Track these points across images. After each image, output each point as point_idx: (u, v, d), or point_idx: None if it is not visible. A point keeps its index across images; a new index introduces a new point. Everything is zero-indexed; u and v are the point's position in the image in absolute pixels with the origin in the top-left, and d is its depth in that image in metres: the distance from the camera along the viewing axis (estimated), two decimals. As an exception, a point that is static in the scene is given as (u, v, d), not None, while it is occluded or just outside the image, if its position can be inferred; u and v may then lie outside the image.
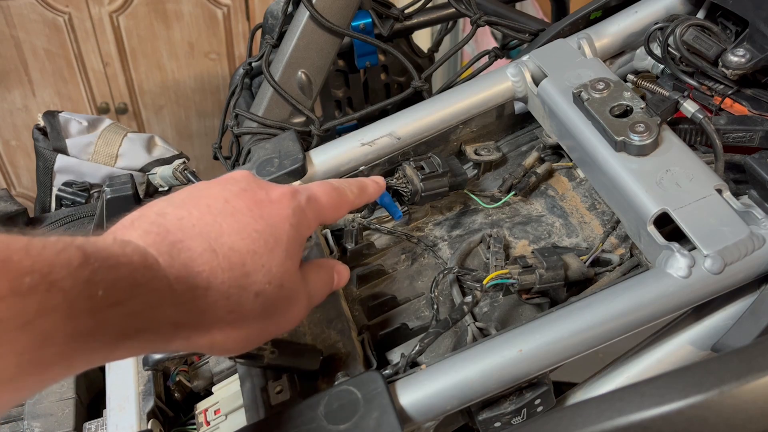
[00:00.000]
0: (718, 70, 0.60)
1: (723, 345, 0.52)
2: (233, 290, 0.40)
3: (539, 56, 0.65)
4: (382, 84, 1.17)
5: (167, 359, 0.56)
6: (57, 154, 0.87)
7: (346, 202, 0.50)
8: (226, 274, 0.39)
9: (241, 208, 0.42)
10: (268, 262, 0.41)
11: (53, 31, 1.66)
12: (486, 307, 0.60)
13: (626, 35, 0.68)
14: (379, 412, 0.45)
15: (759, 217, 0.51)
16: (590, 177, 0.61)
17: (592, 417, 0.37)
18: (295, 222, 0.44)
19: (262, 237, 0.42)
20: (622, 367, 0.55)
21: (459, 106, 0.67)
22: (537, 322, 0.50)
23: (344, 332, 0.55)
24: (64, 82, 1.74)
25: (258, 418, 0.50)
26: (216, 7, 1.73)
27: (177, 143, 1.89)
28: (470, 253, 0.64)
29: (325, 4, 0.79)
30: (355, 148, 0.65)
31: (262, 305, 0.42)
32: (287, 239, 0.43)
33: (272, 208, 0.43)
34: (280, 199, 0.44)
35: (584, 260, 0.58)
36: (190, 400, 0.61)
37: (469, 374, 0.48)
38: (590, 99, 0.58)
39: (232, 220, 0.41)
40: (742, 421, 0.35)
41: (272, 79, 0.81)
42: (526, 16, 0.87)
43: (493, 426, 0.50)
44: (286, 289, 0.43)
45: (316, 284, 0.48)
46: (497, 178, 0.71)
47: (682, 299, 0.50)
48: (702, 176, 0.53)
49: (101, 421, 0.60)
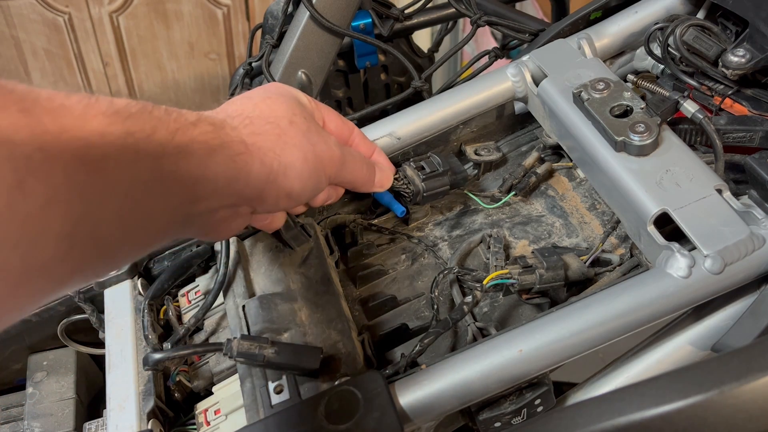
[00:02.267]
0: (718, 70, 0.60)
1: (723, 345, 0.52)
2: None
3: (539, 56, 0.65)
4: (382, 84, 1.17)
5: (167, 358, 0.56)
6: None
7: (363, 182, 0.56)
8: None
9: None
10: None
11: (53, 31, 1.66)
12: (486, 307, 0.60)
13: (626, 35, 0.68)
14: (379, 412, 0.45)
15: (759, 217, 0.51)
16: (590, 177, 0.61)
17: (592, 417, 0.37)
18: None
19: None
20: (622, 367, 0.55)
21: (459, 106, 0.67)
22: (537, 322, 0.50)
23: (344, 332, 0.55)
24: (64, 82, 1.74)
25: (258, 418, 0.50)
26: (216, 7, 1.73)
27: (177, 143, 1.88)
28: (470, 253, 0.64)
29: (325, 4, 0.79)
30: (355, 148, 0.65)
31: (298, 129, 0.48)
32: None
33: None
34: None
35: (584, 260, 0.58)
36: (190, 400, 0.61)
37: (469, 374, 0.48)
38: (590, 99, 0.58)
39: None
40: (742, 421, 0.35)
41: (272, 79, 0.81)
42: (526, 16, 0.87)
43: (493, 426, 0.50)
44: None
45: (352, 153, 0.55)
46: (497, 178, 0.71)
47: (682, 299, 0.50)
48: (702, 176, 0.53)
49: (101, 421, 0.60)
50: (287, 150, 0.46)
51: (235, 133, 0.44)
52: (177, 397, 0.60)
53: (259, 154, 0.45)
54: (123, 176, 0.34)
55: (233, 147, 0.43)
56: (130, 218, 0.35)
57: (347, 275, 0.64)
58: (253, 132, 0.45)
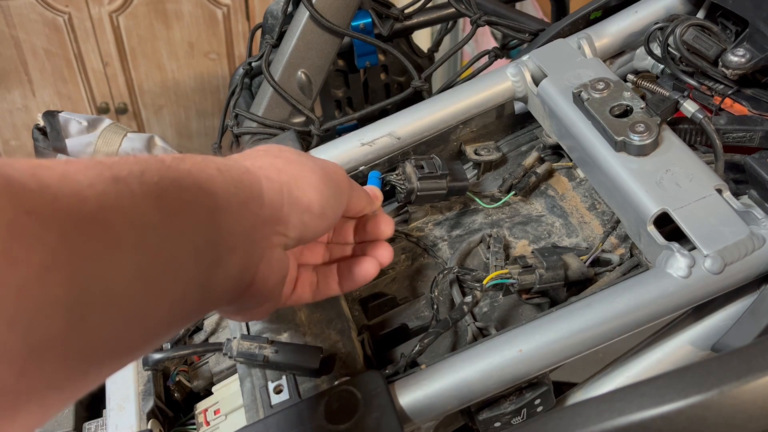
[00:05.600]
0: (718, 70, 0.60)
1: (723, 345, 0.52)
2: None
3: (539, 56, 0.65)
4: (382, 84, 1.16)
5: (167, 358, 0.56)
6: (57, 154, 0.87)
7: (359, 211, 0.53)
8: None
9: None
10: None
11: (53, 31, 1.66)
12: (486, 307, 0.60)
13: (626, 35, 0.68)
14: (379, 412, 0.45)
15: (759, 217, 0.51)
16: (590, 177, 0.61)
17: (592, 417, 0.37)
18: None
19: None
20: (622, 367, 0.55)
21: (459, 106, 0.67)
22: (537, 322, 0.50)
23: (344, 332, 0.55)
24: (63, 82, 1.74)
25: (258, 418, 0.50)
26: (216, 7, 1.73)
27: (177, 143, 1.89)
28: (470, 253, 0.64)
29: (325, 4, 0.79)
30: (355, 148, 0.65)
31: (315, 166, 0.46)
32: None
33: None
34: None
35: (584, 260, 0.58)
36: (190, 400, 0.61)
37: (468, 374, 0.48)
38: (590, 99, 0.58)
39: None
40: (742, 421, 0.35)
41: (272, 79, 0.81)
42: (526, 16, 0.87)
43: (493, 426, 0.50)
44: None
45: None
46: (497, 178, 0.71)
47: (682, 299, 0.49)
48: (702, 176, 0.53)
49: (101, 421, 0.60)
50: (290, 166, 0.45)
51: (231, 161, 0.42)
52: (177, 397, 0.60)
53: (263, 172, 0.43)
54: (126, 224, 0.30)
55: (234, 168, 0.41)
56: (149, 271, 0.31)
57: (347, 275, 0.64)
58: (248, 157, 0.44)
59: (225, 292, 0.40)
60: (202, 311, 0.40)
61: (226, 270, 0.38)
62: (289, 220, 0.43)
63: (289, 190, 0.43)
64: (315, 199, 0.44)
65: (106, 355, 0.30)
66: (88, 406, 0.64)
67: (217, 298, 0.40)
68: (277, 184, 0.43)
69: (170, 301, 0.34)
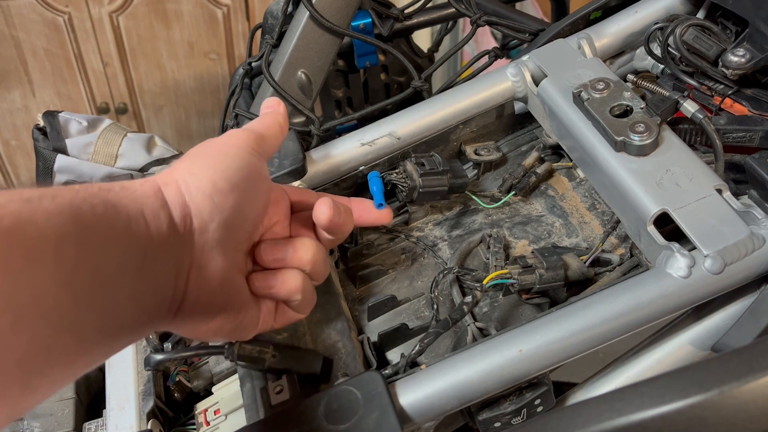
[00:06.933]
0: (718, 70, 0.60)
1: (723, 345, 0.52)
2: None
3: (539, 56, 0.65)
4: (382, 84, 1.16)
5: (168, 360, 0.56)
6: (57, 154, 0.87)
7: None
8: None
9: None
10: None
11: (53, 31, 1.66)
12: (486, 307, 0.60)
13: (626, 35, 0.68)
14: (379, 412, 0.45)
15: (759, 217, 0.51)
16: (590, 177, 0.61)
17: (592, 417, 0.37)
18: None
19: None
20: (622, 367, 0.55)
21: (459, 106, 0.67)
22: (537, 322, 0.50)
23: (344, 332, 0.55)
24: (63, 82, 1.74)
25: (258, 418, 0.50)
26: (216, 7, 1.73)
27: (177, 143, 1.88)
28: (470, 253, 0.64)
29: (325, 4, 0.79)
30: (354, 148, 0.65)
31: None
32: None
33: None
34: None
35: (584, 260, 0.58)
36: (190, 400, 0.61)
37: (468, 374, 0.48)
38: (590, 99, 0.58)
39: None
40: (742, 421, 0.35)
41: (272, 79, 0.81)
42: (526, 16, 0.87)
43: (493, 426, 0.50)
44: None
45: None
46: (497, 178, 0.71)
47: (682, 299, 0.49)
48: (702, 176, 0.53)
49: (101, 421, 0.60)
50: (184, 159, 0.44)
51: (137, 182, 0.42)
52: (177, 397, 0.60)
53: (160, 178, 0.42)
54: (42, 237, 0.32)
55: (136, 183, 0.41)
56: (75, 281, 0.33)
57: (347, 275, 0.64)
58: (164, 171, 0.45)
59: (158, 304, 0.40)
60: (141, 324, 0.40)
61: (155, 280, 0.39)
62: (201, 210, 0.41)
63: (185, 182, 0.42)
64: (215, 176, 0.42)
65: (45, 363, 0.32)
66: (88, 406, 0.64)
67: (152, 310, 0.40)
68: (173, 183, 0.42)
69: (101, 311, 0.35)
